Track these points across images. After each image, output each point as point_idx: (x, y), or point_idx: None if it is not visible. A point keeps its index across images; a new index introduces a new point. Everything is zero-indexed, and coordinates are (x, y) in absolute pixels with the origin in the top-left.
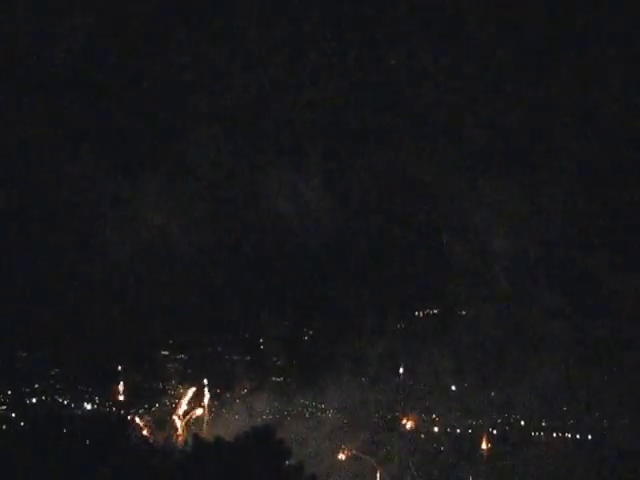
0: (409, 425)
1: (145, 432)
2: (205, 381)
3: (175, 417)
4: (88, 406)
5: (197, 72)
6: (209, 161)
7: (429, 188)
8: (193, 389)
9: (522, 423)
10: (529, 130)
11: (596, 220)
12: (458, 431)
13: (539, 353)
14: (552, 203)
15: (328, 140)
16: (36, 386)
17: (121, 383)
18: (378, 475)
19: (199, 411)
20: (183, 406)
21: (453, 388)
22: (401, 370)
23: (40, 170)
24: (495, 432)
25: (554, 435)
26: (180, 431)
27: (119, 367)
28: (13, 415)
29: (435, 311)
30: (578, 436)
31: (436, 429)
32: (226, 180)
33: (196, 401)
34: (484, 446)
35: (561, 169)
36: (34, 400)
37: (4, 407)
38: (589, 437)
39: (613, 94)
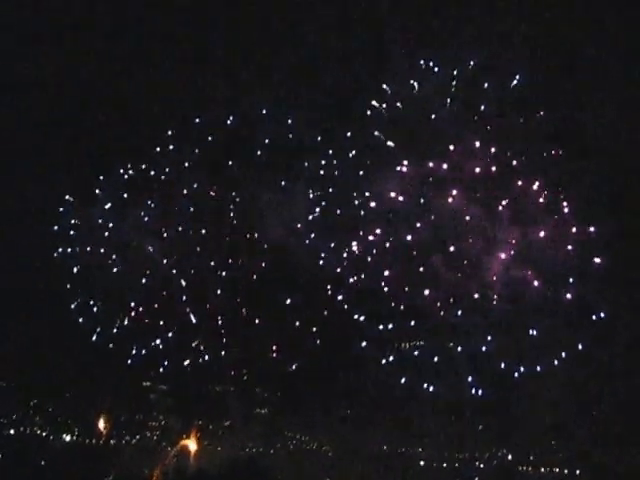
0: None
1: (127, 464)
2: (189, 412)
3: (158, 449)
4: (67, 438)
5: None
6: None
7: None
8: (178, 423)
9: (510, 457)
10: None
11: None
12: (445, 465)
13: (528, 387)
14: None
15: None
16: (14, 417)
17: (101, 415)
18: None
19: (183, 443)
20: (167, 438)
21: (440, 422)
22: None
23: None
24: (482, 466)
25: (542, 470)
26: (163, 463)
27: (100, 398)
28: None
29: (422, 342)
30: (566, 471)
31: (422, 463)
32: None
33: (180, 433)
34: None
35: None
36: (12, 432)
37: None
38: (577, 472)
39: None
